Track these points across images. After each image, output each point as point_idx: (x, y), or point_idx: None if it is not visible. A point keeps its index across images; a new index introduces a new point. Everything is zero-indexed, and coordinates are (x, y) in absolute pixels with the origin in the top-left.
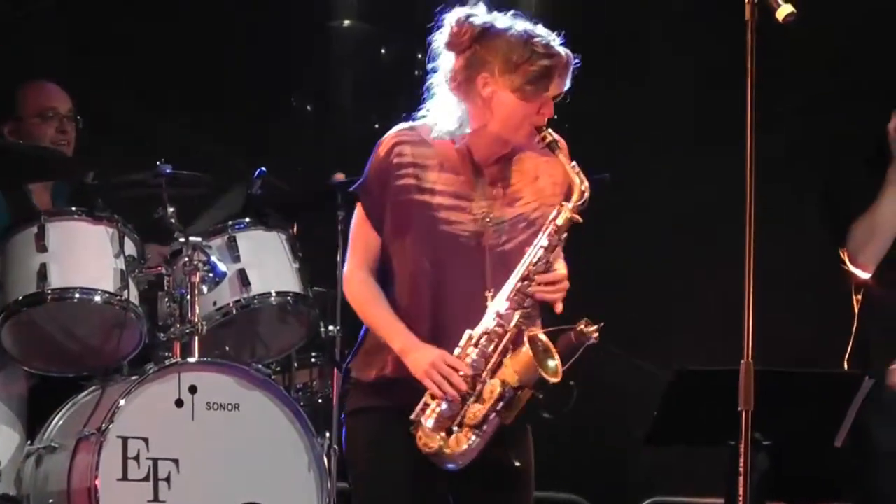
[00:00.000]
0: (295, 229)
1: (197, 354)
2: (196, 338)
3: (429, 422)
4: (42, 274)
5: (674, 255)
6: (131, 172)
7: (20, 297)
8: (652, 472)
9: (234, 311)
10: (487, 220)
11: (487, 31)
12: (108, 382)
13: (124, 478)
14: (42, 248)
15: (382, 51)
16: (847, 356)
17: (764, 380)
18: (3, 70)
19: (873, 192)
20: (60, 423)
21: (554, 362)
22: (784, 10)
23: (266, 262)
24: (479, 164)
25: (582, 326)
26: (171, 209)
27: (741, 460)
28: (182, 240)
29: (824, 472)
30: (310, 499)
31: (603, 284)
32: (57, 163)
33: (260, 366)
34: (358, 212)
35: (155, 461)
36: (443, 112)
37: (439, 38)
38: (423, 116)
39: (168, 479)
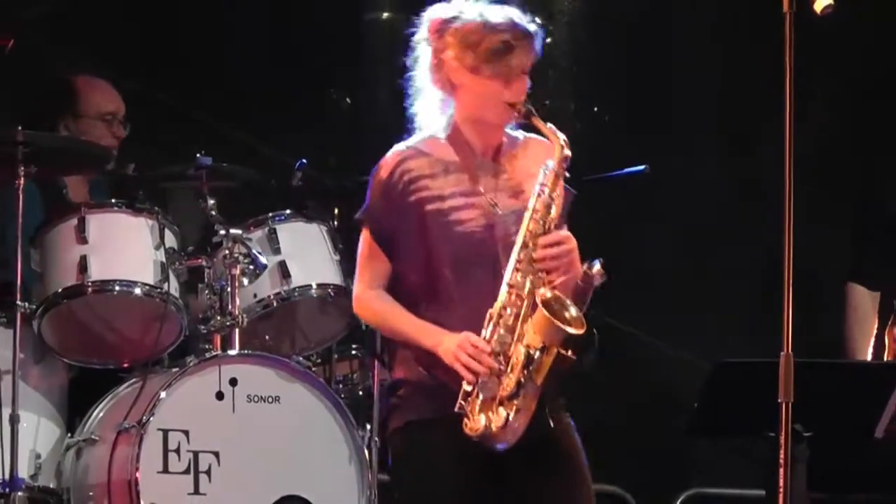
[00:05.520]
0: (335, 221)
1: (237, 347)
2: (236, 330)
3: (474, 407)
4: (82, 266)
5: (715, 248)
6: (171, 165)
7: (60, 289)
8: (692, 464)
9: (275, 304)
10: (496, 211)
11: (452, 20)
12: (148, 375)
13: (165, 470)
14: (82, 240)
15: None
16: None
17: (804, 371)
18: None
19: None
20: (100, 415)
21: (572, 313)
22: (822, 2)
23: (306, 254)
24: (480, 155)
25: (586, 268)
26: (211, 201)
27: (781, 452)
28: (223, 232)
29: (865, 463)
30: (350, 491)
31: (644, 278)
32: (98, 156)
33: (300, 358)
34: (365, 237)
35: (195, 454)
36: (430, 110)
37: (418, 35)
38: (417, 129)
39: (209, 472)
